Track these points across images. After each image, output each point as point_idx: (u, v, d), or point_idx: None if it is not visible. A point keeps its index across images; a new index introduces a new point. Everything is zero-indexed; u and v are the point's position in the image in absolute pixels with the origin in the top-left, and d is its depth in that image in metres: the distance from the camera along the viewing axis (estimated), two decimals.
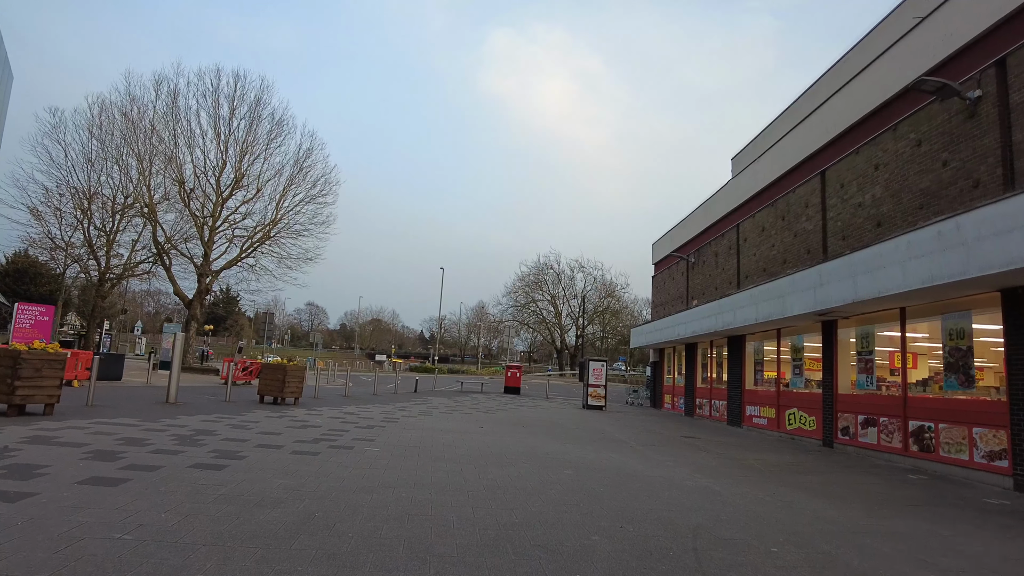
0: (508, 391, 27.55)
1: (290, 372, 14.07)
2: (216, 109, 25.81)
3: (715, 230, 19.52)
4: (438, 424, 12.08)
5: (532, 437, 11.03)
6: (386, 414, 13.42)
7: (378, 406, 15.55)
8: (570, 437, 11.55)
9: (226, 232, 27.75)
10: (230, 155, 26.39)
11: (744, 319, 14.27)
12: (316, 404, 14.86)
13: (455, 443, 9.28)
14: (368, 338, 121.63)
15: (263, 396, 14.35)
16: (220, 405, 12.85)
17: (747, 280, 16.65)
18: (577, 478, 6.92)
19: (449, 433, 10.62)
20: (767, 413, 15.06)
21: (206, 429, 8.85)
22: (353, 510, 4.74)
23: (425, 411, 15.01)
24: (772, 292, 12.90)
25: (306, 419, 11.22)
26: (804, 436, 13.11)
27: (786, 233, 14.65)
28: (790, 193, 14.50)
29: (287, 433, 9.05)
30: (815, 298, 11.07)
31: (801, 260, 13.68)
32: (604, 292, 67.18)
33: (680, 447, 11.23)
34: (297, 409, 13.13)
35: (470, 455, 8.12)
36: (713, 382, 18.88)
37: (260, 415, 11.36)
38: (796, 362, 13.86)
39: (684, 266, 22.20)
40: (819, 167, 13.27)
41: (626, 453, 9.69)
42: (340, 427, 10.34)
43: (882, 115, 11.10)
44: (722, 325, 15.74)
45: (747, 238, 16.93)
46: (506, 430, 11.94)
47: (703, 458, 9.81)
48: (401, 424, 11.58)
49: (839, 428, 11.86)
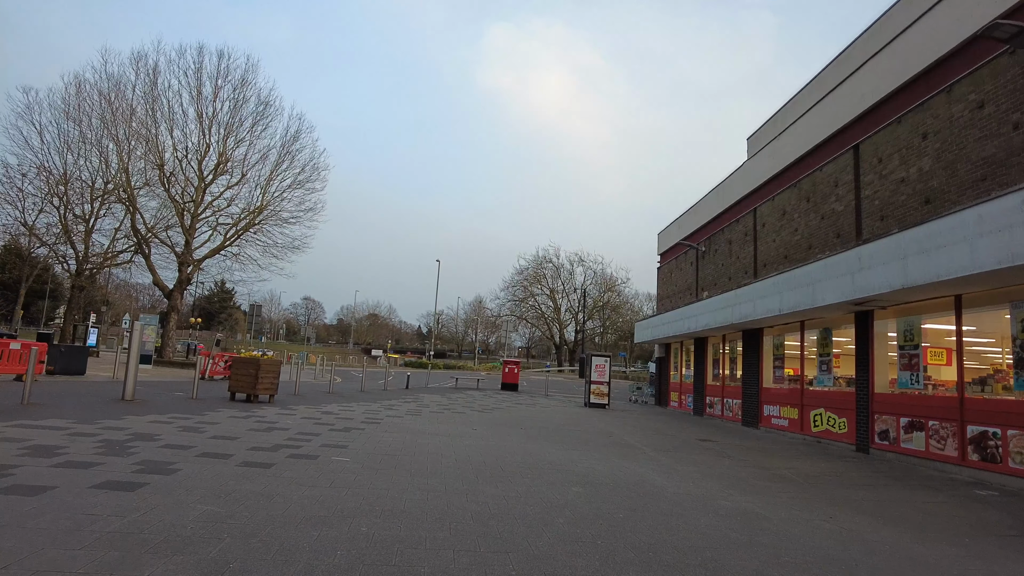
0: (505, 388, 26.25)
1: (263, 367, 12.73)
2: (198, 88, 24.36)
3: (729, 216, 18.19)
4: (426, 426, 10.76)
5: (532, 441, 9.71)
6: (369, 414, 12.09)
7: (363, 404, 14.22)
8: (574, 441, 10.24)
9: (209, 220, 26.35)
10: (213, 137, 24.96)
11: (766, 310, 12.95)
12: (294, 402, 13.53)
13: (442, 450, 7.96)
14: (365, 333, 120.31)
15: (234, 393, 13.02)
16: (183, 403, 11.51)
17: (765, 269, 15.33)
18: (589, 499, 5.60)
19: (437, 437, 9.30)
20: (788, 413, 13.77)
21: (148, 433, 7.51)
22: (287, 557, 3.41)
23: (414, 410, 13.69)
24: (799, 279, 11.58)
25: (275, 420, 9.88)
26: (833, 439, 11.82)
27: (811, 216, 13.32)
28: (816, 172, 13.17)
29: (245, 438, 7.71)
30: (853, 285, 9.75)
31: (830, 245, 12.36)
32: (604, 286, 65.90)
33: (699, 453, 9.92)
34: (269, 408, 11.79)
35: (458, 467, 6.80)
36: (726, 379, 17.59)
37: (223, 415, 10.03)
38: (823, 358, 12.56)
39: (694, 255, 20.88)
40: (851, 141, 11.94)
41: (640, 461, 8.38)
42: (311, 430, 9.01)
43: (932, 76, 9.76)
44: (739, 317, 14.43)
45: (765, 223, 15.61)
46: (502, 433, 10.62)
47: (728, 467, 8.51)
48: (384, 426, 10.25)
49: (875, 431, 10.57)
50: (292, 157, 26.31)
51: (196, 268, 25.37)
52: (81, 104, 24.52)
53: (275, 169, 25.74)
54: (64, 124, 25.16)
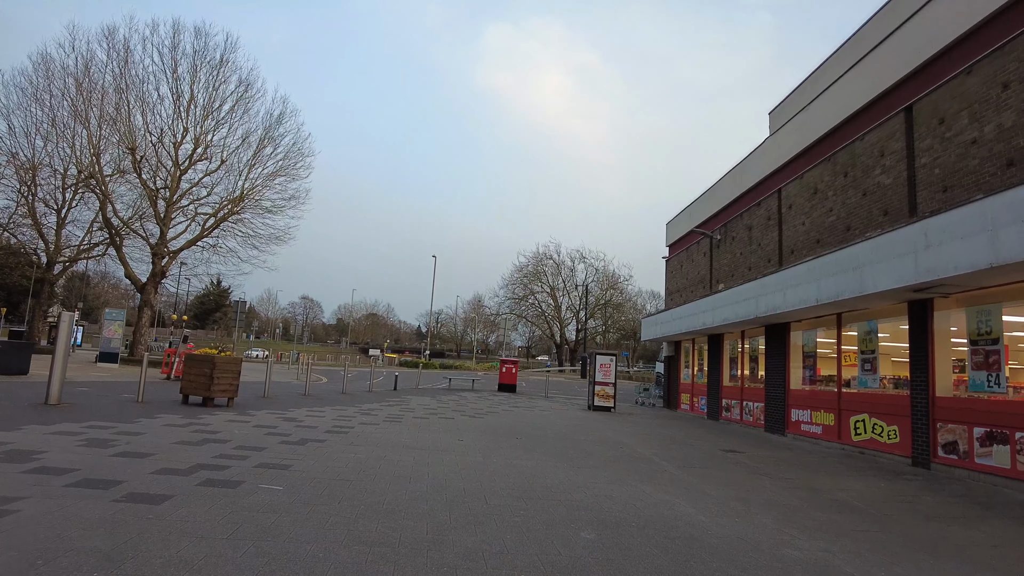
0: (502, 389, 24.55)
1: (219, 365, 11.04)
2: (174, 66, 22.66)
3: (748, 199, 16.49)
4: (403, 436, 9.06)
5: (528, 456, 8.02)
6: (340, 420, 10.41)
7: (337, 409, 12.53)
8: (580, 454, 8.55)
9: (187, 209, 24.66)
10: (189, 121, 23.26)
11: (799, 300, 11.26)
12: (259, 406, 11.84)
13: (414, 471, 6.27)
14: (364, 333, 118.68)
15: (188, 396, 11.33)
16: (121, 408, 9.82)
17: (793, 255, 13.63)
18: (608, 553, 3.91)
19: (413, 452, 7.60)
20: (822, 419, 12.07)
21: (32, 449, 5.82)
22: None
23: (395, 416, 12.00)
24: (842, 263, 9.89)
25: (219, 429, 8.19)
26: (881, 451, 10.13)
27: (850, 193, 11.62)
28: (856, 142, 11.47)
29: (162, 455, 6.02)
30: (916, 267, 8.06)
31: (875, 223, 10.67)
32: (606, 284, 64.13)
33: (729, 469, 8.23)
34: (222, 413, 10.10)
35: (428, 499, 5.10)
36: (745, 380, 15.89)
37: (157, 423, 8.34)
38: (866, 355, 10.86)
39: (707, 245, 19.18)
40: (901, 103, 10.24)
41: (664, 484, 6.69)
42: (257, 443, 7.32)
43: (1013, 13, 8.06)
44: (764, 310, 12.74)
45: (792, 204, 13.91)
46: (494, 444, 8.93)
47: (771, 489, 6.82)
48: (351, 437, 8.56)
49: (938, 443, 8.88)
50: (275, 142, 24.66)
51: (171, 260, 23.67)
52: (50, 85, 22.88)
53: (256, 154, 24.07)
54: (32, 107, 23.52)
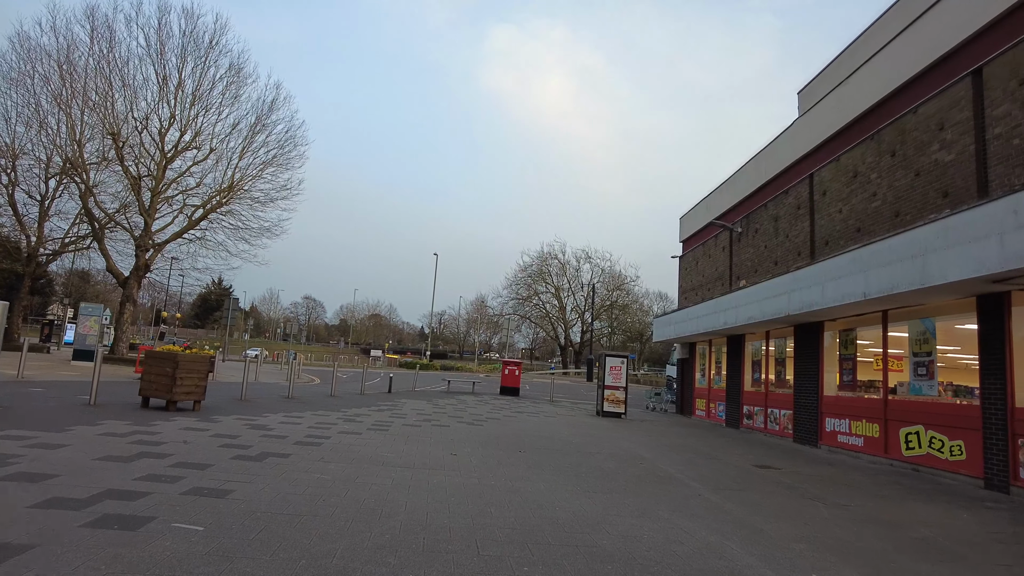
0: (505, 392, 23.19)
1: (183, 364, 9.74)
2: (160, 47, 21.44)
3: (774, 187, 15.11)
4: (387, 449, 7.74)
5: (534, 475, 6.68)
6: (317, 428, 9.09)
7: (319, 414, 11.22)
8: (595, 473, 7.20)
9: (175, 199, 23.43)
10: (177, 106, 22.04)
11: (841, 295, 9.89)
12: (231, 410, 10.55)
13: (389, 501, 4.94)
14: (367, 333, 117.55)
15: (148, 399, 10.04)
16: (64, 412, 8.53)
17: (827, 247, 12.25)
18: None
19: (394, 471, 6.27)
20: (863, 430, 10.69)
21: None
22: None
23: (383, 422, 10.67)
24: (898, 251, 8.52)
25: (169, 439, 6.89)
26: (941, 469, 8.74)
27: (899, 173, 10.24)
28: (908, 115, 10.09)
29: (64, 479, 4.72)
30: (1002, 251, 6.69)
31: (932, 207, 9.30)
32: (613, 285, 62.65)
33: (772, 492, 6.87)
34: (182, 419, 8.79)
35: (398, 548, 3.76)
36: (770, 385, 14.51)
37: (95, 432, 7.04)
38: (920, 358, 9.47)
39: (726, 239, 17.79)
40: (968, 66, 8.87)
41: (704, 517, 5.33)
42: (204, 458, 6.02)
43: None
44: (798, 307, 11.37)
45: (827, 190, 12.53)
46: (493, 460, 7.59)
47: (834, 523, 5.46)
48: (323, 449, 7.24)
49: (1020, 463, 7.49)
50: (268, 130, 23.41)
51: (156, 253, 22.42)
52: (32, 69, 21.68)
53: (247, 142, 22.81)
54: (11, 92, 22.34)
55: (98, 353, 10.05)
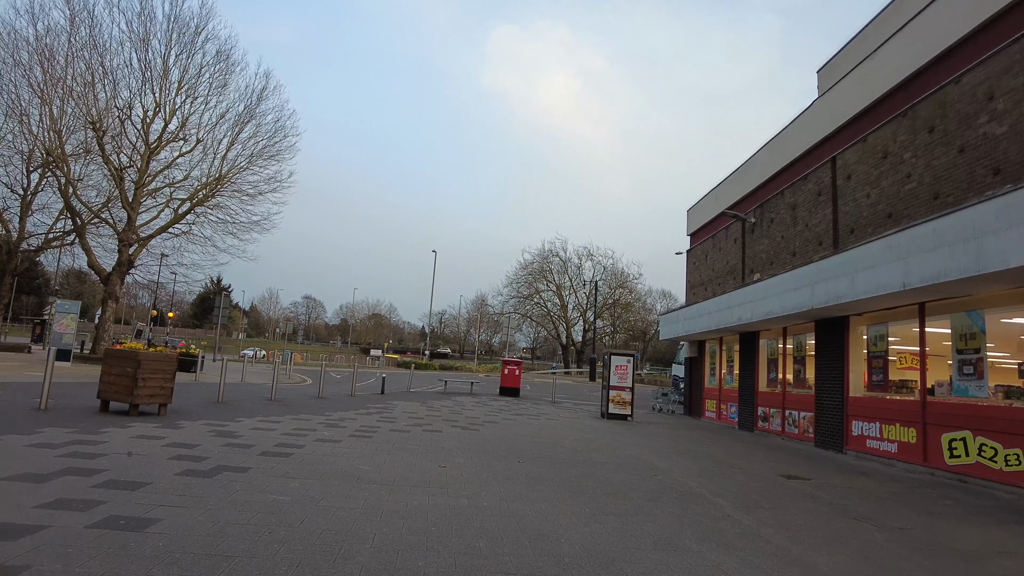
0: (504, 393, 22.21)
1: (145, 364, 8.79)
2: (144, 32, 20.48)
3: (792, 173, 14.10)
4: (365, 460, 6.77)
5: (533, 492, 5.70)
6: (292, 435, 8.13)
7: (300, 418, 10.25)
8: (604, 488, 6.22)
9: (162, 191, 22.49)
10: (162, 95, 21.08)
11: (875, 286, 8.91)
12: (203, 414, 9.59)
13: (351, 533, 3.96)
14: (368, 333, 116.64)
15: (108, 401, 9.09)
16: (4, 418, 7.57)
17: (853, 235, 11.27)
18: None
19: (367, 489, 5.31)
20: (897, 434, 9.70)
21: None
22: None
23: (368, 428, 9.70)
24: (946, 235, 7.54)
25: (113, 451, 5.93)
26: (994, 481, 7.75)
27: (939, 151, 9.25)
28: (950, 85, 9.10)
29: None
30: None
31: (978, 187, 8.31)
32: (615, 283, 61.61)
33: (811, 511, 5.88)
34: (140, 425, 7.83)
35: None
36: (787, 385, 13.51)
37: (26, 442, 6.09)
38: (966, 355, 8.47)
39: (738, 231, 16.79)
40: (1021, 27, 7.88)
41: (741, 548, 4.36)
42: (144, 474, 5.06)
43: None
44: (823, 300, 10.39)
45: (852, 174, 11.54)
46: (487, 472, 6.62)
47: (897, 553, 4.48)
48: (292, 461, 6.27)
49: None
50: (257, 120, 22.46)
51: (140, 248, 21.47)
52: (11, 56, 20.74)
53: (234, 131, 21.87)
54: None
55: (51, 353, 9.10)
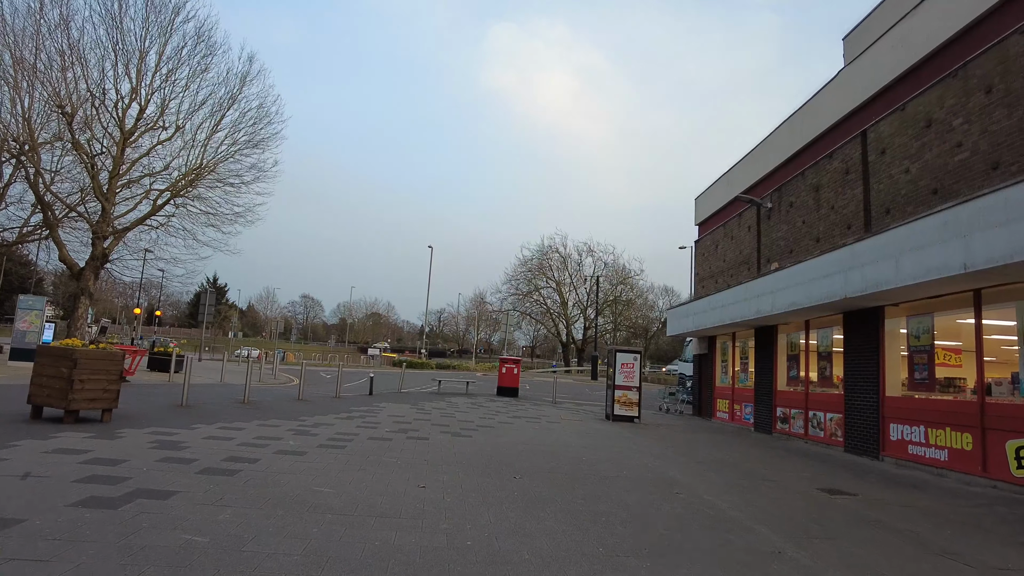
0: (502, 393, 20.99)
1: (85, 364, 7.58)
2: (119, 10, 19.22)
3: (815, 151, 12.90)
4: (329, 478, 5.56)
5: (532, 527, 4.50)
6: (252, 446, 6.92)
7: (268, 424, 9.05)
8: (619, 515, 5.02)
9: (141, 182, 21.23)
10: (140, 80, 19.83)
11: (926, 270, 7.73)
12: (153, 420, 8.38)
13: None
14: (367, 332, 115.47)
15: (40, 406, 7.88)
16: None
17: (888, 216, 10.07)
18: None
19: (322, 521, 4.11)
20: (948, 440, 8.51)
21: None
22: None
23: (344, 435, 8.49)
24: (1022, 206, 6.34)
25: (11, 471, 4.73)
26: None
27: (999, 113, 8.05)
28: (1014, 36, 7.89)
29: None
30: None
31: None
32: (617, 279, 60.37)
33: (884, 544, 4.70)
34: (68, 435, 6.63)
35: None
36: (810, 383, 12.33)
37: None
38: None
39: (752, 218, 15.58)
40: None
41: None
42: (31, 504, 3.88)
43: None
44: (859, 288, 9.21)
45: (887, 148, 10.33)
46: (476, 495, 5.41)
47: None
48: (238, 480, 5.07)
49: None
50: (240, 105, 21.19)
51: (116, 242, 20.23)
52: None
53: (215, 118, 20.61)
54: None
55: None
